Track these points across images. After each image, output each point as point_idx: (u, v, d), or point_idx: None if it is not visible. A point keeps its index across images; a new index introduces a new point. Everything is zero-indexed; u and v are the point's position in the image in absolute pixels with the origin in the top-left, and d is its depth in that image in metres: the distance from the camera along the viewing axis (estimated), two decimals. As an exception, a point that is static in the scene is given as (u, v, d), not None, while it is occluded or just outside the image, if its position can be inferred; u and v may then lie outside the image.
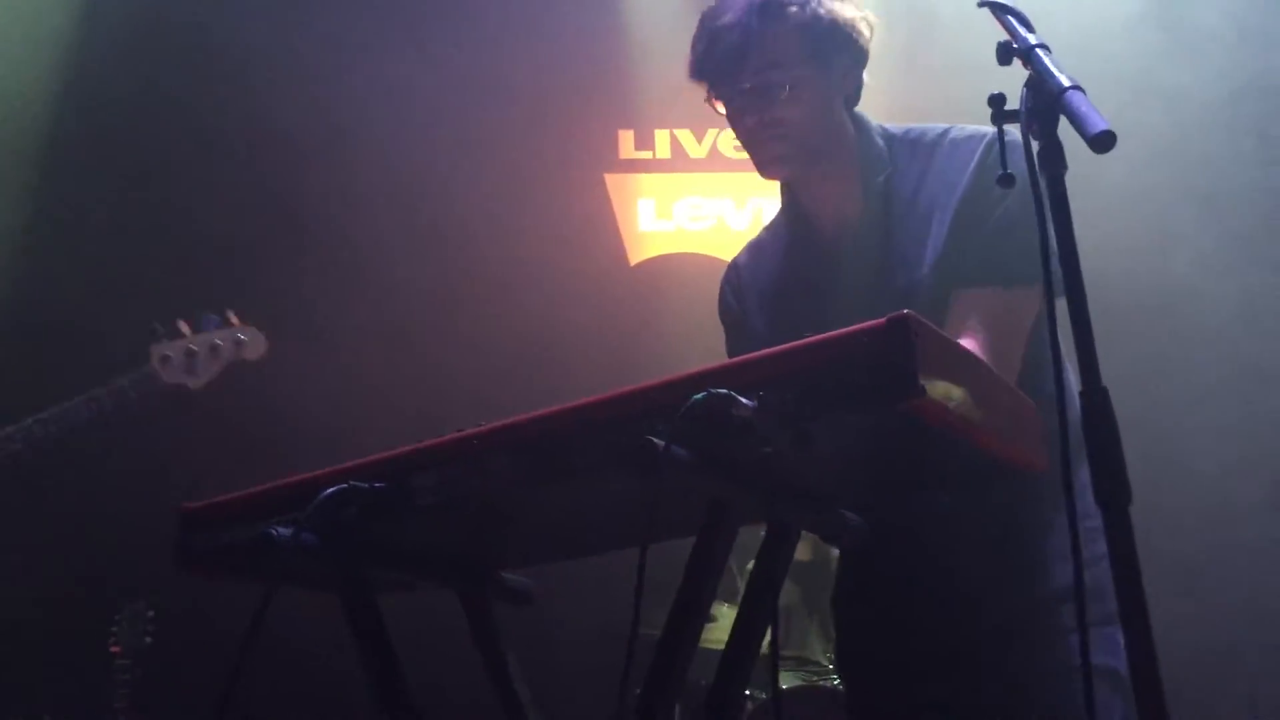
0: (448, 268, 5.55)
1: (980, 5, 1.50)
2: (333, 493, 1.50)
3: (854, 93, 2.06)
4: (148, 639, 3.96)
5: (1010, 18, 1.45)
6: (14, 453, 2.65)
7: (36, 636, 4.71)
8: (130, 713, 3.95)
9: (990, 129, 1.78)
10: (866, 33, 2.03)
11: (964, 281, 1.87)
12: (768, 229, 2.25)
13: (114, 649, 3.96)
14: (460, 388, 5.04)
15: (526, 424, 1.46)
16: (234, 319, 2.99)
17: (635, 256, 6.36)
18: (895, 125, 2.08)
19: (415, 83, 5.65)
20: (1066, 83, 1.32)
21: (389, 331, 5.37)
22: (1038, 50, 1.37)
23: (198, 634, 4.24)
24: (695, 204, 6.49)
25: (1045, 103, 1.33)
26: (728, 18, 1.98)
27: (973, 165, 1.92)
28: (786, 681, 4.60)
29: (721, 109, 2.04)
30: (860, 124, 2.06)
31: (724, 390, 1.31)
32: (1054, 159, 1.34)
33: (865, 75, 2.06)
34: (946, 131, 2.02)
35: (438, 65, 5.71)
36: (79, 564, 4.55)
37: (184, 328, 2.90)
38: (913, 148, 2.02)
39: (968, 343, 1.75)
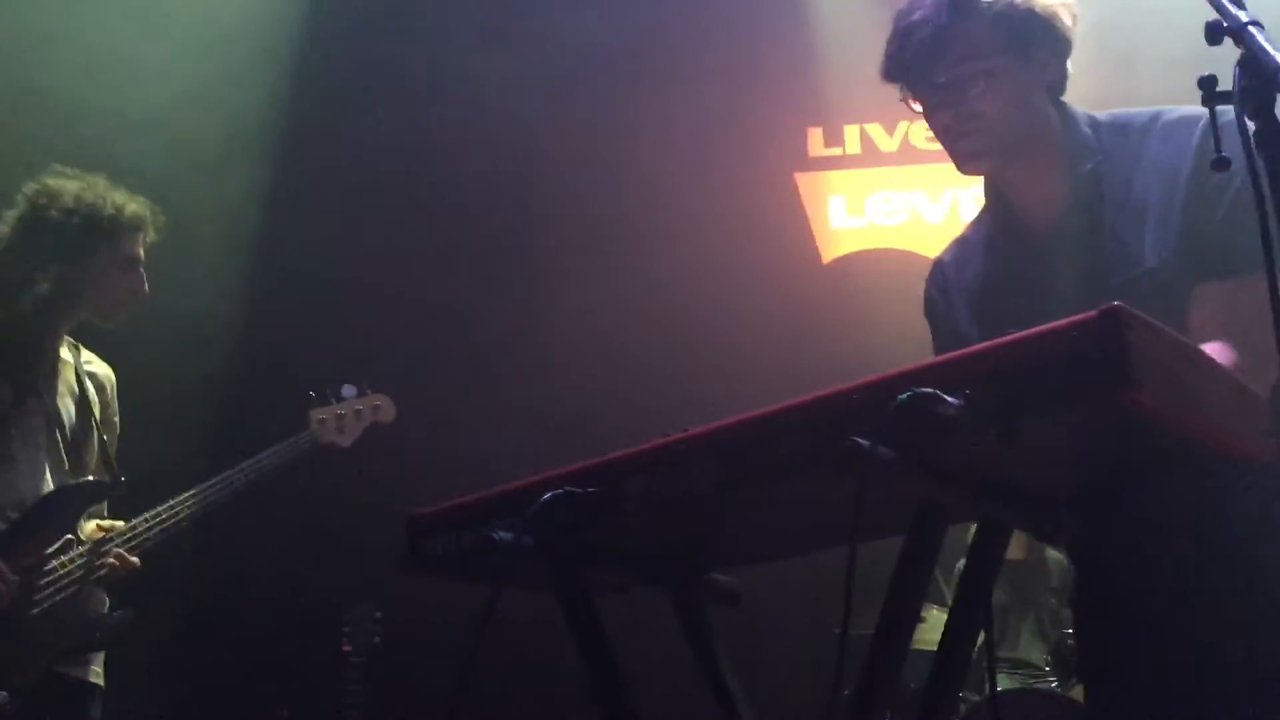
0: (641, 273, 5.65)
1: (1186, -19, 1.45)
2: (550, 498, 1.57)
3: (1057, 82, 2.01)
4: (376, 639, 4.20)
5: (1220, -5, 1.39)
6: (234, 489, 3.07)
7: (274, 638, 5.05)
8: (361, 708, 4.19)
9: (1204, 109, 1.72)
10: (1068, 20, 1.97)
11: (1204, 274, 1.79)
12: (972, 225, 2.21)
13: (345, 648, 4.21)
14: (661, 390, 5.13)
15: (732, 427, 1.49)
16: (369, 389, 3.47)
17: (828, 254, 6.33)
18: (1103, 112, 2.02)
19: (605, 89, 5.78)
20: (1283, 59, 1.26)
21: (587, 337, 5.51)
22: (1250, 28, 1.32)
23: (422, 634, 4.47)
24: (887, 198, 6.40)
25: (1260, 82, 1.28)
26: (920, 14, 1.96)
27: (1192, 149, 1.85)
28: (1001, 684, 4.50)
29: (917, 107, 2.02)
30: (1065, 113, 2.01)
31: (929, 389, 1.31)
32: (1273, 140, 1.29)
33: (1069, 65, 2.01)
34: (1158, 115, 1.94)
35: (625, 70, 5.83)
36: (311, 572, 4.85)
37: (330, 397, 3.39)
38: (1122, 134, 1.96)
39: (1218, 343, 1.69)
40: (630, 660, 1.78)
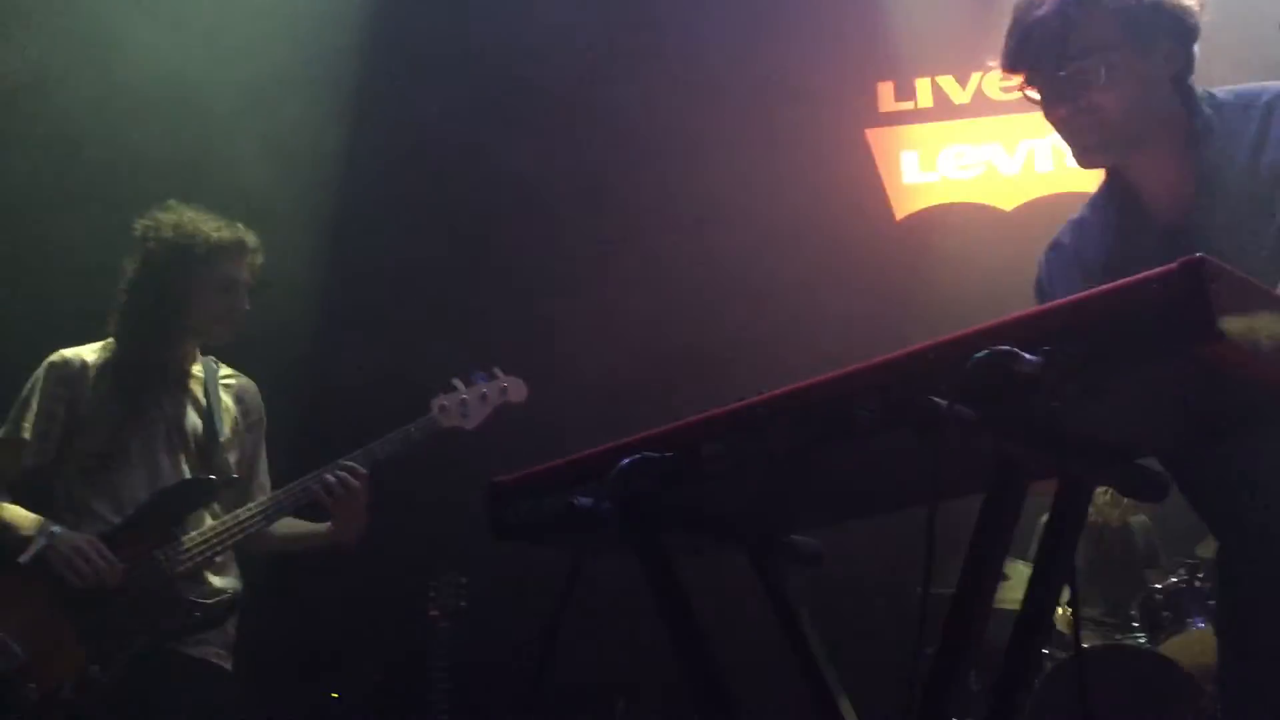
0: (715, 234, 5.65)
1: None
2: (628, 463, 1.59)
3: (1184, 69, 1.96)
4: (462, 604, 4.28)
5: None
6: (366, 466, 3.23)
7: (362, 604, 5.17)
8: (448, 671, 4.28)
9: None
10: (1194, 7, 1.93)
11: None
12: (1089, 207, 2.17)
13: (432, 613, 4.31)
14: (737, 352, 5.13)
15: (808, 389, 1.49)
16: (499, 373, 3.52)
17: (901, 211, 6.25)
18: (1225, 90, 1.98)
19: (674, 50, 5.76)
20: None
21: (664, 301, 5.52)
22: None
23: (507, 599, 4.54)
24: (961, 152, 6.29)
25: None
26: (1043, 7, 1.94)
27: None
28: (1087, 641, 4.45)
29: (1036, 96, 2.00)
30: (1189, 98, 1.97)
31: (1007, 347, 1.30)
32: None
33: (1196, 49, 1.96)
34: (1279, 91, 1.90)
35: (694, 31, 5.79)
36: (398, 539, 4.96)
37: (458, 384, 3.46)
38: (1245, 112, 1.92)
39: None
40: (712, 622, 1.80)
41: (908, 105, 6.32)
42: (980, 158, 6.28)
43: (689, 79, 5.75)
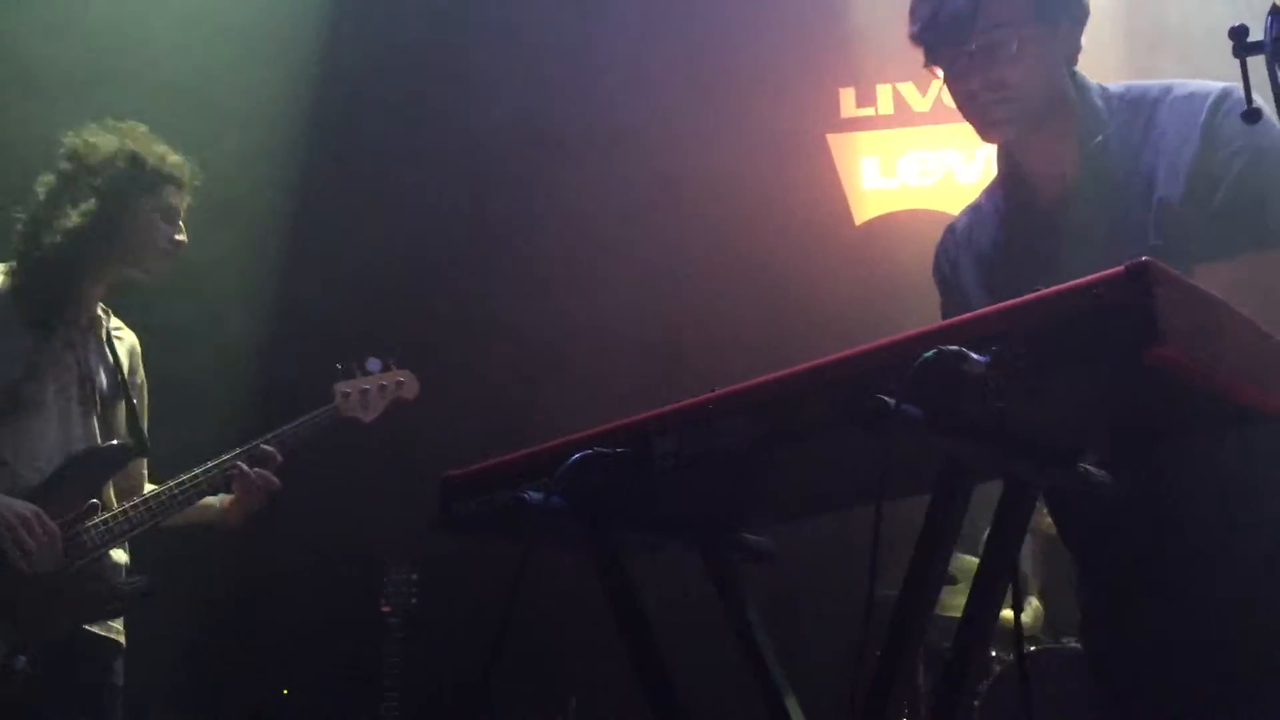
0: (673, 233, 5.66)
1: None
2: (579, 458, 1.59)
3: (1074, 51, 2.01)
4: (413, 600, 4.27)
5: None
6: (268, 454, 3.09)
7: (313, 600, 5.14)
8: (400, 668, 4.26)
9: (1216, 85, 1.71)
10: (1083, 3, 1.98)
11: (1212, 247, 1.78)
12: (985, 193, 2.21)
13: (385, 609, 4.28)
14: (693, 350, 5.14)
15: (760, 386, 1.50)
16: (393, 364, 3.44)
17: (860, 216, 6.28)
18: (1115, 84, 2.01)
19: (637, 51, 5.76)
20: (1316, 9, 1.24)
21: (619, 300, 5.52)
22: (1283, -24, 1.30)
23: (459, 595, 4.53)
24: (921, 159, 6.33)
25: (1292, 32, 1.26)
26: None
27: (1199, 125, 1.84)
28: (1035, 645, 4.50)
29: (940, 73, 2.02)
30: (1080, 84, 2.01)
31: (954, 347, 1.31)
32: (1303, 91, 1.28)
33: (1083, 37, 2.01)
34: (1169, 89, 1.94)
35: (655, 35, 5.80)
36: (349, 535, 4.93)
37: (357, 370, 3.37)
38: (1133, 107, 1.96)
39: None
40: (665, 618, 1.81)
41: (868, 111, 6.36)
42: (940, 164, 6.33)
43: (648, 78, 5.75)
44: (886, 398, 1.32)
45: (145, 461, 3.17)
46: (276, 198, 5.43)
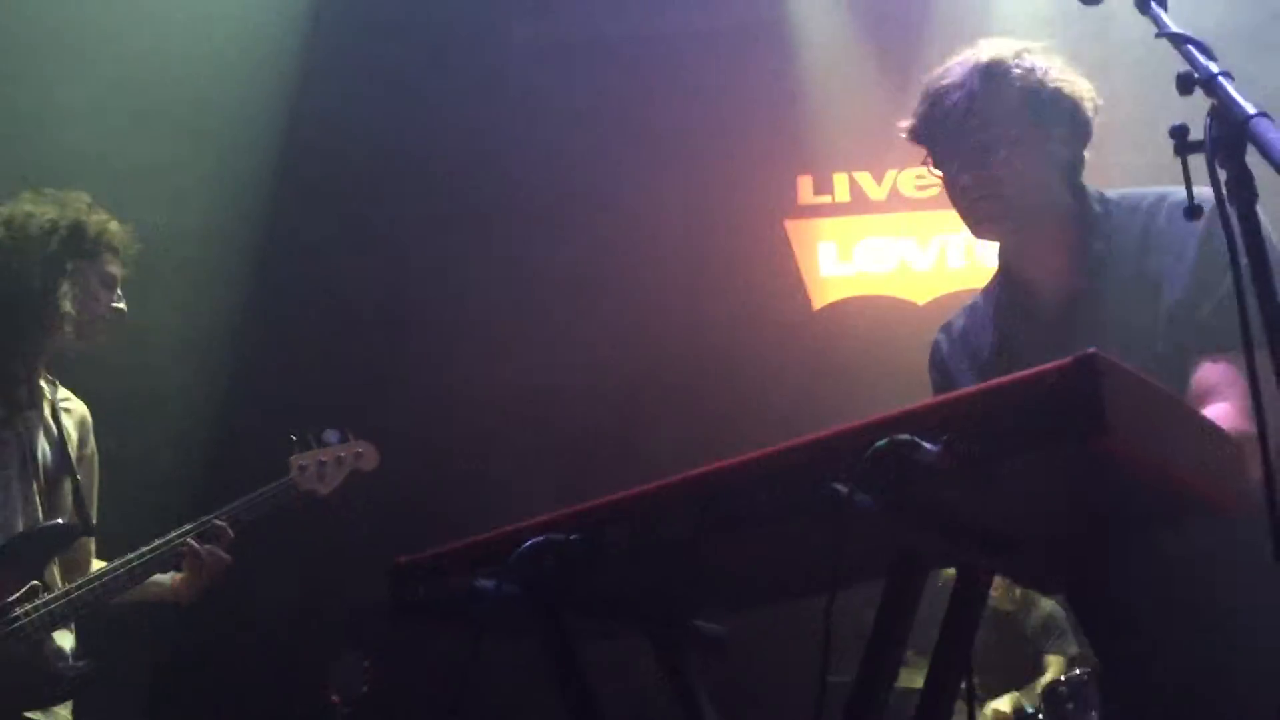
0: (632, 319, 5.68)
1: (1158, 36, 1.47)
2: (532, 545, 1.57)
3: (1074, 164, 2.05)
4: (364, 687, 4.16)
5: (1190, 47, 1.42)
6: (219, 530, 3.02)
7: (261, 688, 5.01)
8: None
9: (1210, 192, 1.75)
10: (1090, 110, 2.04)
11: (1203, 348, 1.83)
12: (983, 293, 2.24)
13: (334, 699, 4.17)
14: (648, 436, 5.13)
15: (711, 474, 1.49)
16: (350, 435, 3.36)
17: (818, 301, 6.35)
18: (1113, 191, 2.06)
19: (596, 137, 5.84)
20: (1251, 110, 1.28)
21: (577, 383, 5.51)
22: (1220, 78, 1.34)
23: (411, 682, 4.43)
24: (877, 246, 6.44)
25: (1231, 131, 1.30)
26: (950, 79, 2.03)
27: (1200, 230, 1.87)
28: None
29: (938, 172, 2.07)
30: (1079, 194, 2.05)
31: (907, 435, 1.32)
32: (1243, 188, 1.31)
33: (1087, 152, 2.06)
34: (1165, 196, 1.99)
35: (617, 120, 5.89)
36: (298, 621, 4.82)
37: (313, 442, 3.28)
38: (1131, 215, 2.01)
39: (1217, 408, 1.72)
40: (618, 708, 1.78)
41: (826, 199, 6.47)
42: (895, 252, 6.43)
43: (608, 165, 5.82)
44: (839, 486, 1.32)
45: (93, 539, 3.09)
46: (228, 262, 5.40)
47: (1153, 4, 1.52)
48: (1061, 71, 2.03)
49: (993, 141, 1.98)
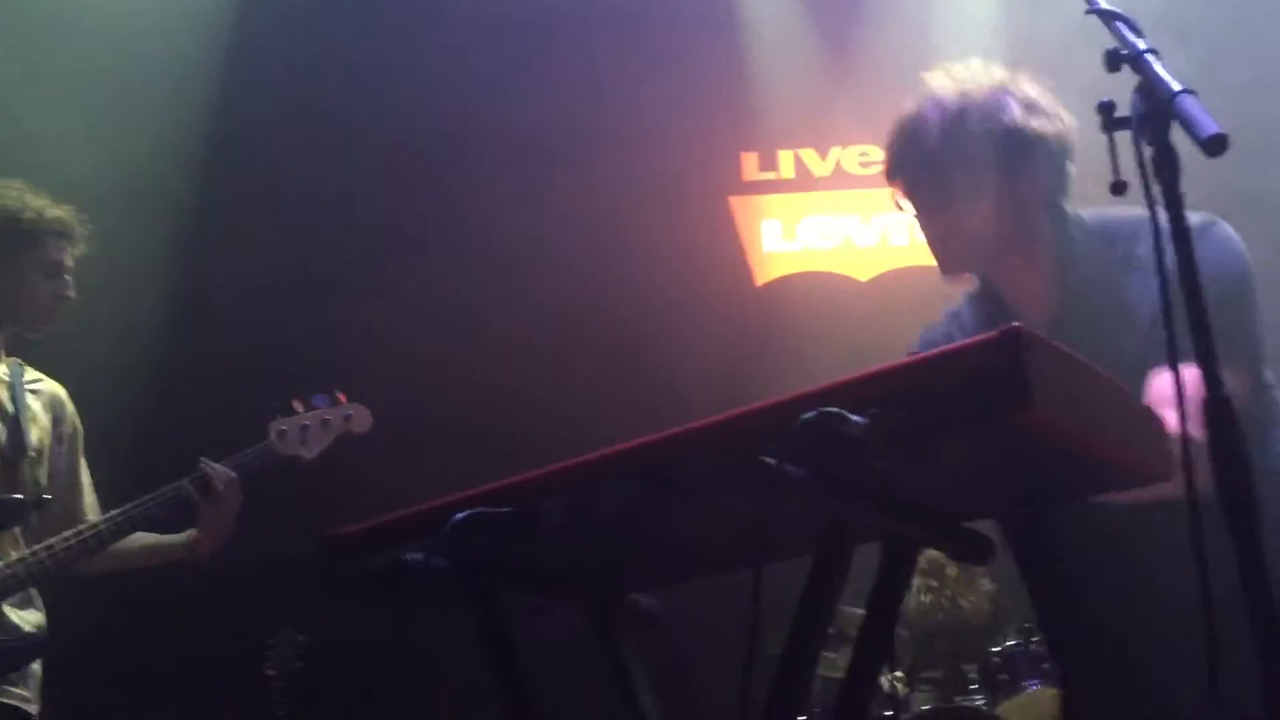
0: (575, 293, 5.66)
1: (1088, 13, 1.49)
2: (462, 518, 1.56)
3: (1054, 188, 2.03)
4: (299, 663, 4.13)
5: (1119, 24, 1.43)
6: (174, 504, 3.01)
7: (195, 663, 4.95)
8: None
9: (1195, 216, 1.76)
10: (1058, 142, 2.00)
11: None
12: (967, 301, 2.22)
13: (269, 673, 4.14)
14: (590, 412, 5.12)
15: (643, 447, 1.49)
16: (342, 397, 3.29)
17: (761, 278, 6.37)
18: (1091, 213, 2.05)
19: (540, 111, 5.79)
20: (1177, 87, 1.30)
21: (518, 357, 5.49)
22: (1146, 55, 1.36)
23: (348, 657, 4.41)
24: (821, 223, 6.46)
25: (1156, 108, 1.31)
26: (917, 122, 2.01)
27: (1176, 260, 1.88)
28: (925, 703, 4.54)
29: (911, 210, 2.07)
30: (1058, 217, 2.03)
31: (835, 408, 1.32)
32: (1168, 165, 1.32)
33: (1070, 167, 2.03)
34: (1143, 221, 1.96)
35: (561, 93, 5.84)
36: (236, 594, 4.77)
37: (298, 406, 3.21)
38: (1109, 237, 2.00)
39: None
40: (554, 679, 1.78)
41: (770, 175, 6.47)
42: (839, 229, 6.45)
43: (557, 131, 5.79)
44: (769, 458, 1.33)
45: (90, 511, 3.08)
46: (158, 233, 5.31)
47: (1082, -20, 1.53)
48: (1034, 106, 2.00)
49: (957, 188, 1.98)
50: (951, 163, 1.97)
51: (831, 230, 6.44)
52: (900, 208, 2.09)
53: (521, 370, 5.44)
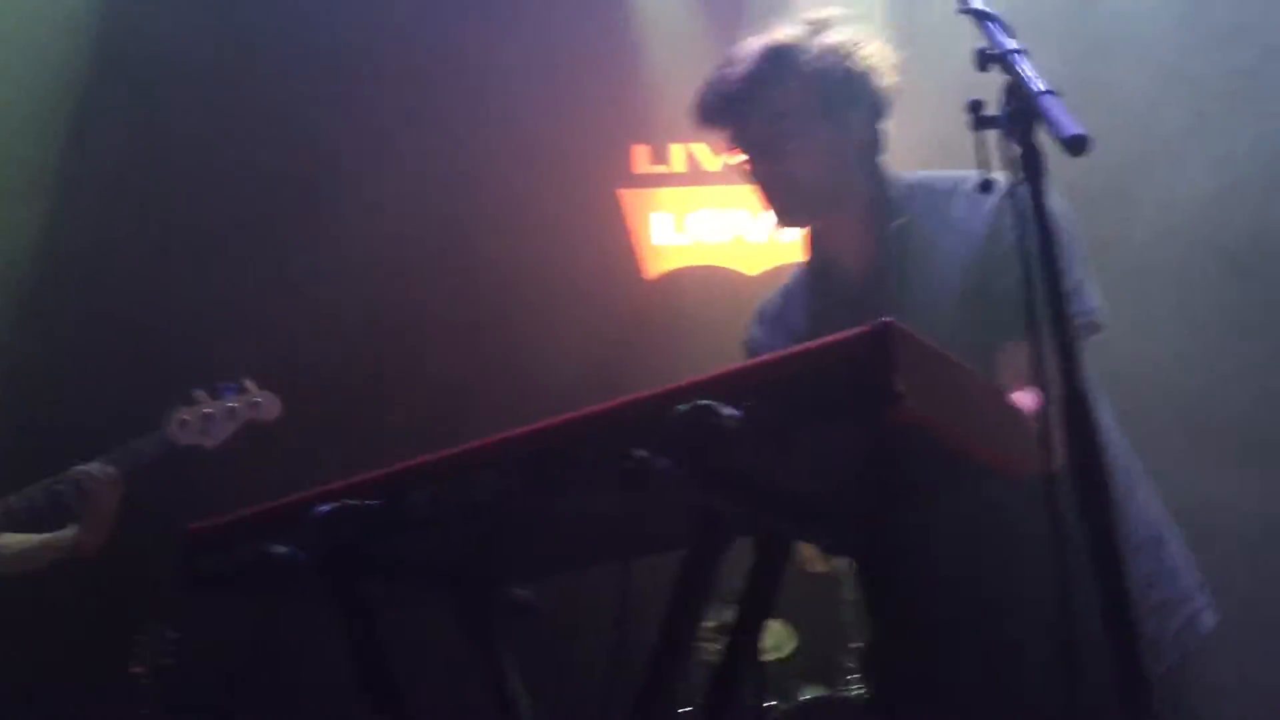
0: (462, 283, 5.59)
1: (960, 12, 1.50)
2: (327, 510, 1.52)
3: (874, 142, 2.04)
4: (168, 659, 4.00)
5: (990, 24, 1.45)
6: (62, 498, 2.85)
7: (64, 658, 4.77)
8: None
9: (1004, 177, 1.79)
10: (885, 82, 2.01)
11: (1009, 333, 1.83)
12: (794, 274, 2.24)
13: (136, 669, 4.01)
14: (474, 404, 5.06)
15: (516, 439, 1.47)
16: (250, 385, 3.23)
17: (651, 271, 6.37)
18: (912, 173, 2.08)
19: (430, 100, 5.70)
20: (1042, 86, 1.32)
21: (401, 348, 5.40)
22: (1014, 55, 1.38)
23: (220, 653, 4.28)
24: (711, 217, 6.49)
25: (1022, 107, 1.33)
26: (739, 67, 1.99)
27: (989, 210, 1.91)
28: (808, 692, 4.59)
29: (733, 157, 2.05)
30: (877, 173, 2.05)
31: (709, 401, 1.32)
32: (1033, 163, 1.34)
33: (886, 125, 2.04)
34: (963, 179, 2.00)
35: (451, 82, 5.76)
36: (104, 588, 4.60)
37: (200, 395, 3.14)
38: (929, 196, 2.02)
39: (1026, 392, 1.75)
40: (423, 673, 1.74)
41: (662, 169, 6.48)
42: (730, 224, 6.49)
43: (447, 118, 5.71)
44: (642, 451, 1.31)
45: None
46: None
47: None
48: (857, 48, 2.00)
49: (785, 133, 1.96)
50: (782, 103, 1.96)
51: (722, 225, 6.48)
52: (730, 161, 2.05)
53: (403, 360, 5.36)
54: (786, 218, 2.06)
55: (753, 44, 2.01)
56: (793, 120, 1.96)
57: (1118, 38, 5.19)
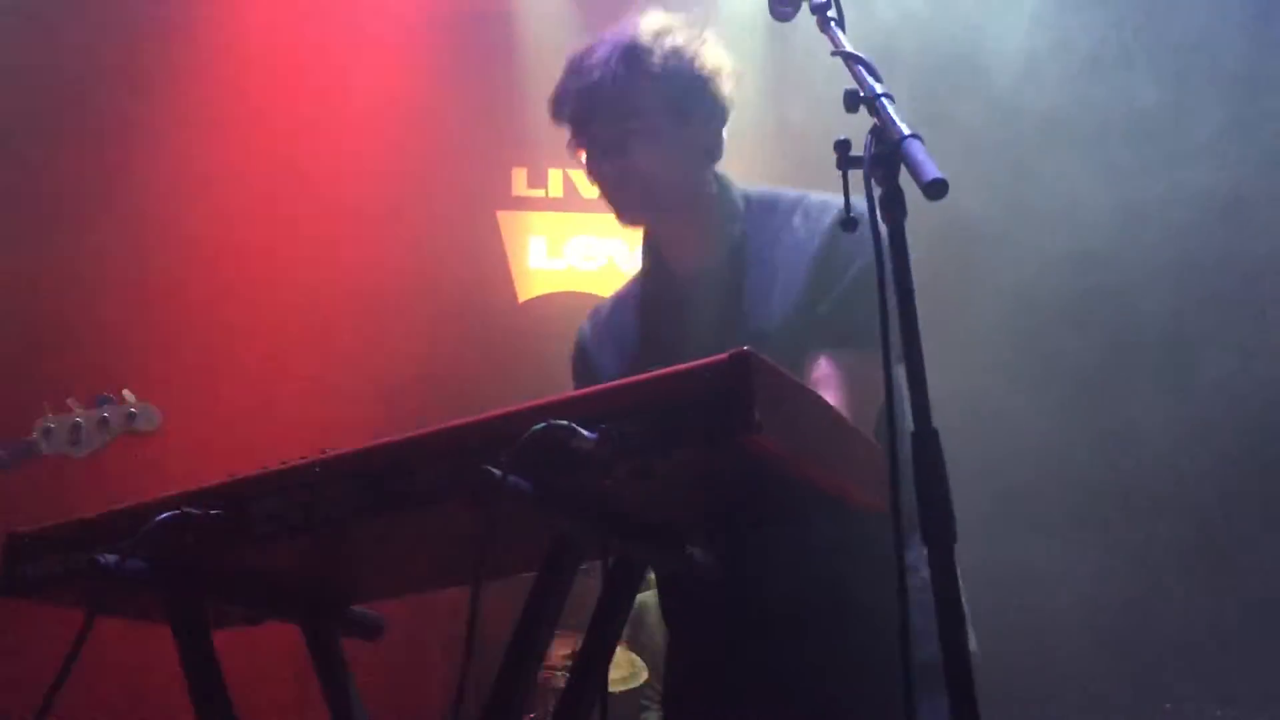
0: (336, 295, 5.49)
1: (834, 54, 1.53)
2: (164, 519, 1.45)
3: (714, 147, 2.07)
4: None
5: (860, 67, 1.48)
6: None
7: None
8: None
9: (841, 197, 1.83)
10: (728, 88, 2.05)
11: (820, 343, 1.89)
12: (629, 282, 2.26)
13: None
14: (341, 418, 4.96)
15: (367, 452, 1.43)
16: (128, 395, 3.16)
17: (524, 294, 6.36)
18: (754, 187, 2.11)
19: (312, 115, 5.61)
20: (906, 131, 1.35)
21: (269, 362, 5.27)
22: (882, 99, 1.41)
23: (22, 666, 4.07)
24: (587, 243, 6.51)
25: (887, 150, 1.36)
26: (591, 62, 1.99)
27: (823, 231, 1.96)
28: (654, 717, 4.59)
29: (582, 155, 2.05)
30: (720, 180, 2.09)
31: (564, 421, 1.30)
32: (894, 204, 1.37)
33: (725, 133, 2.07)
34: (803, 197, 2.06)
35: (331, 97, 5.68)
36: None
37: (72, 404, 3.07)
38: (770, 208, 2.06)
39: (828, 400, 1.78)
40: (260, 692, 1.68)
41: (539, 193, 6.48)
42: (604, 251, 6.53)
43: (310, 134, 5.60)
44: (494, 469, 1.29)
45: None
46: None
47: (831, 24, 1.59)
48: (703, 49, 2.03)
49: (633, 131, 1.98)
50: (630, 102, 1.97)
51: (596, 251, 6.51)
52: (577, 154, 2.05)
53: (273, 377, 5.22)
54: (628, 214, 2.08)
55: (604, 43, 2.02)
56: (642, 119, 1.98)
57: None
